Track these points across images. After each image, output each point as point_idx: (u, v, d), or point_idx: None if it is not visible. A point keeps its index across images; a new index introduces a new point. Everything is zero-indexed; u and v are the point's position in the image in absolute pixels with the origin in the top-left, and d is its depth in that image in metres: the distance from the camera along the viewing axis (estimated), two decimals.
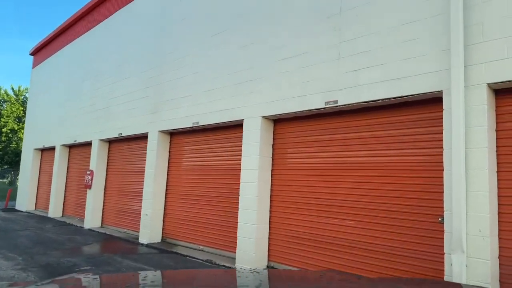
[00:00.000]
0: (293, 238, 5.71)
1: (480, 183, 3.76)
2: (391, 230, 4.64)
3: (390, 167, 4.74)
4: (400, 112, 4.73)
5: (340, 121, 5.34)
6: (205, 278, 1.48)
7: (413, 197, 4.50)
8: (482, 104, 3.83)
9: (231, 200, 6.69)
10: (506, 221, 3.82)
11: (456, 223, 3.81)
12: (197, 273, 1.77)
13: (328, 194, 5.35)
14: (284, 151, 6.06)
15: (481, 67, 3.86)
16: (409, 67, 4.41)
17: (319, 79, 5.33)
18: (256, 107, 6.14)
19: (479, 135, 3.81)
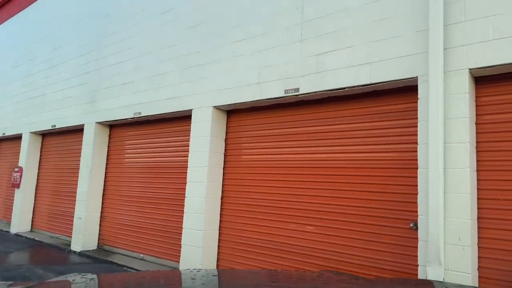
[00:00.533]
0: (247, 246, 4.99)
1: (460, 183, 3.25)
2: (357, 237, 4.06)
3: (358, 166, 4.15)
4: (370, 103, 4.16)
5: (302, 113, 4.69)
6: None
7: (383, 200, 3.93)
8: (464, 92, 3.32)
9: (178, 203, 5.85)
10: (486, 227, 3.34)
11: (433, 230, 3.27)
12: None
13: (288, 195, 4.68)
14: (239, 146, 5.32)
15: (462, 50, 3.35)
16: (380, 50, 3.84)
17: (278, 64, 4.65)
18: (206, 96, 5.35)
19: (460, 128, 3.30)
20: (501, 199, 3.30)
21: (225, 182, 5.37)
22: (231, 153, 5.38)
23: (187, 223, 5.29)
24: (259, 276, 1.59)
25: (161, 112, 6.00)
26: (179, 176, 5.92)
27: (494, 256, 3.29)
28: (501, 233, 3.27)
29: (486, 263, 3.31)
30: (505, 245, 3.24)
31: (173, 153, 6.14)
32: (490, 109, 3.45)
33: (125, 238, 6.79)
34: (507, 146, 3.33)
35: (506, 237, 3.25)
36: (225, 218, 5.29)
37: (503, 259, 3.26)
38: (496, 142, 3.39)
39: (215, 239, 5.25)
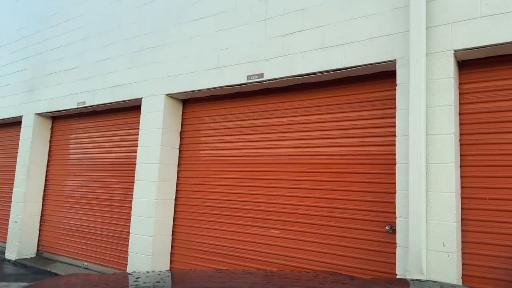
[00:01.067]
0: (205, 253, 4.39)
1: (445, 180, 2.84)
2: (327, 242, 3.58)
3: (329, 161, 3.68)
4: (342, 91, 3.69)
5: (267, 102, 4.16)
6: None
7: (357, 199, 3.48)
8: (448, 77, 2.91)
9: (127, 204, 5.15)
10: (470, 230, 2.96)
11: (414, 235, 2.84)
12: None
13: (251, 195, 4.14)
14: (196, 140, 4.71)
15: (447, 29, 2.95)
16: (354, 30, 3.38)
17: (240, 46, 4.09)
18: (158, 83, 4.70)
19: (444, 117, 2.89)
20: (487, 198, 2.92)
21: (180, 181, 4.75)
22: (187, 148, 4.76)
23: (134, 228, 4.62)
24: (253, 277, 1.56)
25: (107, 101, 5.27)
26: (128, 175, 5.22)
27: (479, 263, 2.91)
28: (486, 237, 2.90)
29: (470, 271, 2.93)
30: (491, 250, 2.87)
31: (121, 148, 5.42)
32: (474, 97, 3.07)
33: (68, 244, 5.99)
34: (492, 138, 2.97)
35: (491, 241, 2.88)
36: (180, 222, 4.67)
37: (488, 265, 2.89)
38: (481, 135, 3.01)
39: (167, 246, 4.61)
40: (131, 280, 1.46)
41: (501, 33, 2.74)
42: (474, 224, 2.95)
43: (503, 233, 2.83)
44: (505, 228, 2.83)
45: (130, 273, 1.65)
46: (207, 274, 1.58)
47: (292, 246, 3.78)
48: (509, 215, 2.82)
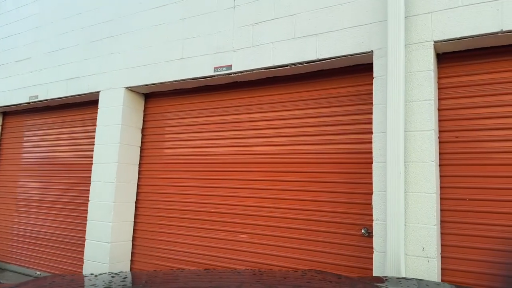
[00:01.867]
0: (169, 261, 4.04)
1: (424, 180, 2.65)
2: (299, 246, 3.33)
3: (302, 161, 3.43)
4: (316, 86, 3.45)
5: (236, 97, 3.86)
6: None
7: (330, 201, 3.25)
8: (428, 69, 2.72)
9: (83, 208, 4.71)
10: (448, 233, 2.79)
11: (392, 239, 2.63)
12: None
13: (219, 197, 3.83)
14: (160, 138, 4.34)
15: (427, 18, 2.76)
16: (329, 19, 3.15)
17: (206, 36, 3.77)
18: (118, 75, 4.30)
19: (424, 113, 2.70)
20: (467, 199, 2.76)
21: (141, 182, 4.37)
22: (150, 147, 4.39)
23: (90, 234, 4.20)
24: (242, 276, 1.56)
25: (62, 95, 4.80)
26: (85, 175, 4.78)
27: (458, 268, 2.74)
28: (466, 240, 2.73)
29: (449, 276, 2.76)
30: (470, 253, 2.71)
31: (78, 146, 4.96)
32: (453, 92, 2.90)
33: (19, 251, 5.45)
34: (472, 136, 2.81)
35: (471, 245, 2.72)
36: (141, 226, 4.29)
37: (468, 270, 2.72)
38: (461, 132, 2.85)
39: (127, 253, 4.22)
40: (118, 280, 1.44)
41: (483, 23, 2.58)
42: (453, 227, 2.78)
43: (484, 236, 2.68)
44: (486, 230, 2.67)
45: (117, 273, 1.63)
46: (195, 273, 1.58)
47: (261, 251, 3.51)
48: (490, 216, 2.67)
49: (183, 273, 1.59)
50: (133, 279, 1.49)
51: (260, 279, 1.52)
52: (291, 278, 1.56)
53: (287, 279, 1.54)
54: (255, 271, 1.70)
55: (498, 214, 2.65)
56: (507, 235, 2.61)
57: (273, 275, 1.64)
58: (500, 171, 2.68)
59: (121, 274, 1.59)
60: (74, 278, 1.53)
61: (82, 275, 1.57)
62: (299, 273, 1.71)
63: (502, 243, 2.63)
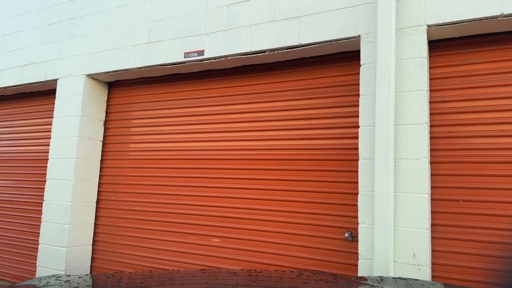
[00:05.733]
0: (134, 267, 3.64)
1: (416, 179, 2.38)
2: (276, 252, 3.01)
3: (281, 157, 3.11)
4: (298, 75, 3.14)
5: (210, 87, 3.50)
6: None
7: (311, 201, 2.94)
8: (421, 56, 2.46)
9: (38, 208, 4.24)
10: (440, 237, 2.54)
11: (379, 245, 2.35)
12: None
13: (190, 198, 3.47)
14: (125, 131, 3.93)
15: (420, 0, 2.49)
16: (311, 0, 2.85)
17: (177, 18, 3.40)
18: (78, 61, 3.87)
19: (416, 104, 2.43)
20: (460, 200, 2.51)
21: (103, 180, 3.94)
22: (114, 141, 3.97)
23: (44, 237, 3.75)
24: (238, 277, 1.55)
25: (16, 83, 4.31)
26: (41, 172, 4.31)
27: (450, 275, 2.49)
28: (457, 245, 2.49)
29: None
30: (461, 260, 2.47)
31: (34, 140, 4.48)
32: (445, 83, 2.65)
33: None
34: (465, 131, 2.57)
35: (462, 250, 2.47)
36: (103, 229, 3.87)
37: (458, 278, 2.48)
38: (452, 127, 2.60)
39: (86, 258, 3.80)
40: (113, 281, 1.43)
41: (482, 5, 2.33)
42: (445, 230, 2.53)
43: (479, 241, 2.44)
44: (481, 234, 2.43)
45: (112, 274, 1.59)
46: (190, 274, 1.58)
47: (235, 257, 3.17)
48: (485, 219, 2.43)
49: (178, 274, 1.58)
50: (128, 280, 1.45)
51: (255, 279, 1.52)
52: (287, 279, 1.56)
53: (283, 279, 1.54)
54: (251, 272, 1.69)
55: (494, 216, 2.41)
56: (504, 240, 2.38)
57: (269, 275, 1.63)
58: (496, 169, 2.44)
59: (116, 275, 1.57)
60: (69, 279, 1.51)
61: (76, 276, 1.54)
62: (295, 274, 1.71)
63: (498, 248, 2.39)
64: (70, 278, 1.53)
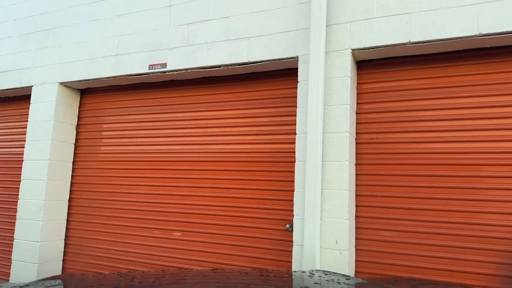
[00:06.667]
0: (103, 259, 3.99)
1: (339, 178, 2.84)
2: (230, 243, 3.43)
3: (234, 159, 3.53)
4: (248, 87, 3.57)
5: (172, 96, 3.89)
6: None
7: (260, 198, 3.38)
8: (346, 75, 2.93)
9: (13, 206, 4.53)
10: (363, 227, 3.01)
11: (308, 233, 2.80)
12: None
13: (153, 196, 3.84)
14: (96, 135, 4.28)
15: (345, 28, 2.96)
16: (260, 23, 3.28)
17: (142, 33, 3.78)
18: (52, 69, 4.19)
19: (341, 116, 2.90)
20: (379, 195, 3.00)
21: (75, 180, 4.28)
22: (85, 144, 4.31)
23: (19, 233, 4.06)
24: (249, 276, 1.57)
25: None
26: (17, 173, 4.59)
27: (371, 259, 2.97)
28: (378, 234, 2.97)
29: (363, 268, 2.98)
30: (381, 246, 2.94)
31: (10, 143, 4.76)
32: (371, 97, 3.14)
33: None
34: (385, 138, 3.05)
35: (383, 238, 2.95)
36: (75, 225, 4.20)
37: (379, 262, 2.95)
38: (375, 134, 3.08)
39: (58, 252, 4.12)
40: (126, 280, 1.46)
41: (393, 34, 2.81)
42: (367, 221, 3.01)
43: (395, 230, 2.91)
44: (397, 225, 2.91)
45: (125, 273, 1.64)
46: (202, 274, 1.59)
47: (195, 248, 3.58)
48: (400, 212, 2.91)
49: (190, 274, 1.60)
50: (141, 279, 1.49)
51: (266, 279, 1.53)
52: (298, 279, 1.57)
53: (294, 280, 1.55)
54: (262, 272, 1.70)
55: (407, 210, 2.89)
56: (414, 229, 2.86)
57: (280, 275, 1.65)
58: (410, 170, 2.93)
59: (129, 274, 1.60)
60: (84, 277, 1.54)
61: (91, 274, 1.58)
62: (306, 274, 1.72)
63: (410, 237, 2.87)
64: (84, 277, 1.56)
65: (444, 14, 2.67)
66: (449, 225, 2.76)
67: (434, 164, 2.86)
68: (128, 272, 1.65)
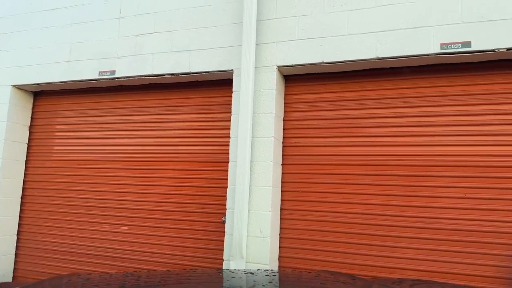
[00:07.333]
0: (55, 253, 4.25)
1: (264, 176, 3.31)
2: (174, 235, 3.82)
3: (176, 159, 3.92)
4: (191, 94, 3.96)
5: (121, 99, 4.21)
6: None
7: (201, 194, 3.79)
8: (272, 88, 3.39)
9: None
10: (287, 218, 3.50)
11: (237, 223, 3.25)
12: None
13: (102, 193, 4.15)
14: (49, 135, 4.51)
15: (272, 46, 3.43)
16: (200, 39, 3.68)
17: (93, 42, 4.07)
18: (5, 72, 4.38)
19: (267, 123, 3.36)
20: (300, 190, 3.49)
21: (28, 178, 4.49)
22: (38, 144, 4.53)
23: None
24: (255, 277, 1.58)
25: None
26: None
27: (293, 246, 3.46)
28: (299, 223, 3.46)
29: (286, 253, 3.46)
30: (302, 234, 3.44)
31: None
32: (297, 106, 3.62)
33: None
34: (309, 141, 3.55)
35: (303, 227, 3.44)
36: (27, 221, 4.43)
37: (300, 247, 3.44)
38: (300, 138, 3.58)
39: (11, 247, 4.33)
40: (132, 279, 1.45)
41: (310, 55, 3.31)
42: (290, 213, 3.50)
43: (315, 220, 3.41)
44: (317, 216, 3.40)
45: (131, 272, 1.64)
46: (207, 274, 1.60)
47: (140, 240, 3.93)
48: (319, 205, 3.40)
49: (195, 273, 1.60)
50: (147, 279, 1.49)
51: (272, 279, 1.53)
52: (304, 280, 1.58)
53: (300, 280, 1.56)
54: (268, 272, 1.70)
55: (325, 203, 3.39)
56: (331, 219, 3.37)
57: (286, 276, 1.65)
58: (327, 169, 3.44)
59: (134, 273, 1.61)
60: (90, 277, 1.54)
61: (97, 274, 1.59)
62: (312, 275, 1.72)
63: (327, 226, 3.39)
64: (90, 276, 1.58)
65: (351, 40, 3.20)
66: (356, 216, 3.29)
67: (347, 164, 3.38)
68: (134, 272, 1.67)
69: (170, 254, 3.82)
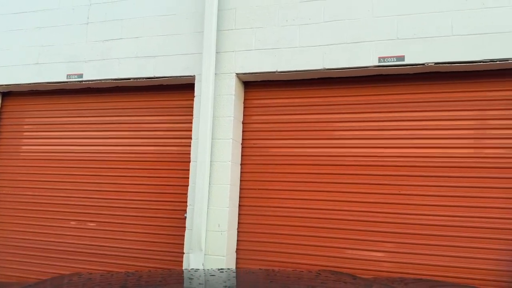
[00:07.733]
0: (24, 249, 4.38)
1: (223, 175, 3.59)
2: (138, 231, 4.04)
3: (140, 159, 4.14)
4: (155, 97, 4.19)
5: (88, 101, 4.38)
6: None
7: (164, 192, 4.03)
8: (230, 94, 3.67)
9: None
10: (245, 214, 3.79)
11: (197, 219, 3.51)
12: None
13: (69, 191, 4.31)
14: (17, 135, 4.62)
15: (231, 55, 3.71)
16: (165, 45, 3.91)
17: (61, 46, 4.22)
18: None
19: (226, 126, 3.64)
20: (257, 188, 3.79)
21: None
22: (6, 143, 4.64)
23: None
24: (256, 276, 1.59)
25: None
26: None
27: (251, 239, 3.76)
28: (257, 218, 3.76)
29: (244, 246, 3.76)
30: (259, 228, 3.74)
31: None
32: (256, 111, 3.92)
33: None
34: (266, 143, 3.84)
35: (260, 222, 3.75)
36: None
37: (257, 240, 3.75)
38: (258, 140, 3.87)
39: None
40: (133, 279, 1.45)
41: (265, 64, 3.60)
42: (248, 209, 3.79)
43: (271, 215, 3.71)
44: (273, 211, 3.70)
45: (133, 272, 1.65)
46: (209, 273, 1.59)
47: (106, 236, 4.13)
48: (275, 201, 3.70)
49: (197, 273, 1.59)
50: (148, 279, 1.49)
51: (273, 279, 1.54)
52: (305, 279, 1.57)
53: (301, 279, 1.55)
54: (269, 271, 1.70)
55: (280, 199, 3.70)
56: (286, 214, 3.69)
57: (287, 275, 1.64)
58: (283, 168, 3.74)
59: (136, 273, 1.62)
60: (91, 277, 1.54)
61: (98, 274, 1.60)
62: (313, 274, 1.72)
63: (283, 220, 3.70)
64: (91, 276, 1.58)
65: (301, 51, 3.52)
66: (310, 211, 3.62)
67: (302, 164, 3.70)
68: (135, 271, 1.68)
69: (136, 249, 4.04)
